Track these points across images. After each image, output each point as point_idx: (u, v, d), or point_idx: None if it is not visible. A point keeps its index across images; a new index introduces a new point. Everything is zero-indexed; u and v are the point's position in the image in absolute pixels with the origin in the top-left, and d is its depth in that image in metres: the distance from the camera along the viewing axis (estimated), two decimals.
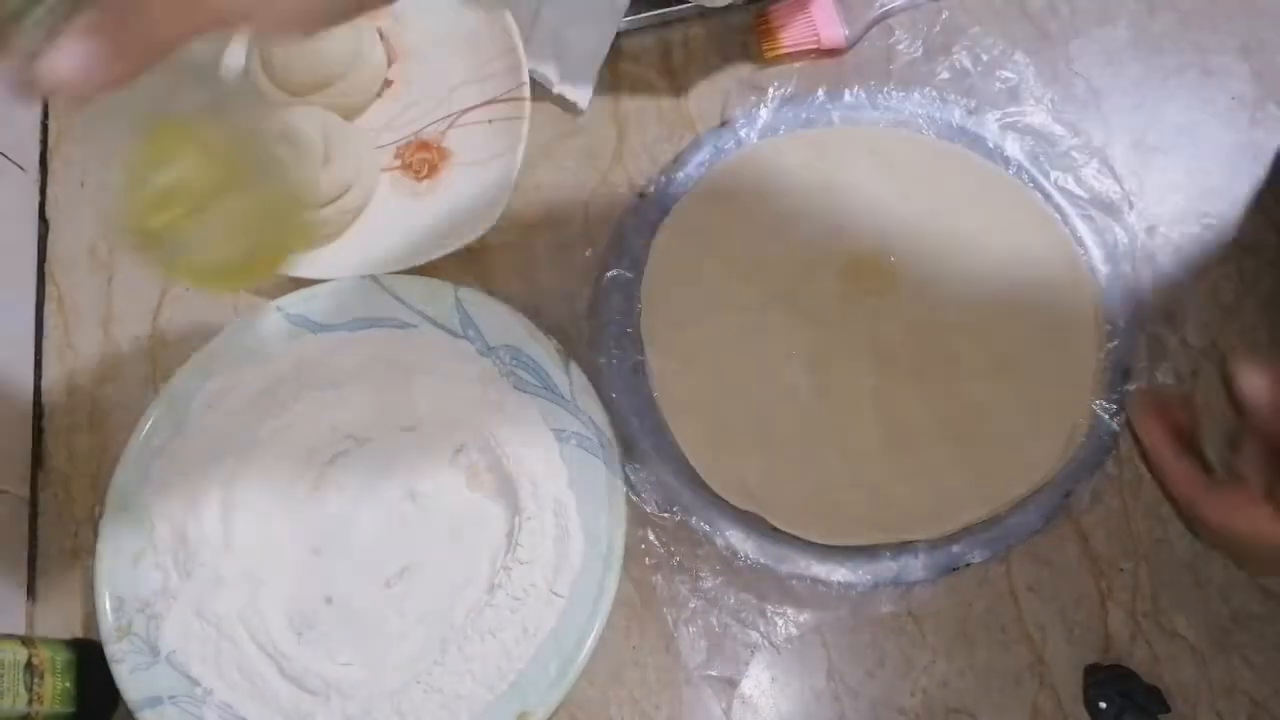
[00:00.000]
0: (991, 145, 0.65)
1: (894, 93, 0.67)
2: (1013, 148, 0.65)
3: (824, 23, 0.69)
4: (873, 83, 0.67)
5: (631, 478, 0.60)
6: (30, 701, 0.56)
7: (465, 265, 0.68)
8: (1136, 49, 0.68)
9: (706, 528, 0.59)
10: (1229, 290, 0.63)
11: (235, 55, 0.66)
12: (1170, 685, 0.55)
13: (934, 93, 0.67)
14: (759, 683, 0.59)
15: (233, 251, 0.46)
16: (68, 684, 0.59)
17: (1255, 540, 0.42)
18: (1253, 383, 0.42)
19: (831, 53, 0.69)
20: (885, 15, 0.69)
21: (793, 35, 0.69)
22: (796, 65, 0.69)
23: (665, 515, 0.59)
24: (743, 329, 0.63)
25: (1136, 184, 0.65)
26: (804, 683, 0.58)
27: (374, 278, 0.66)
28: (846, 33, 0.69)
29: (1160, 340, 0.61)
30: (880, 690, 0.58)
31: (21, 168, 0.74)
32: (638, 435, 0.61)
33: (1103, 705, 0.54)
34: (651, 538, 0.60)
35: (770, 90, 0.68)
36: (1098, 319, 0.60)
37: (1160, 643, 0.57)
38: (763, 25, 0.70)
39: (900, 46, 0.69)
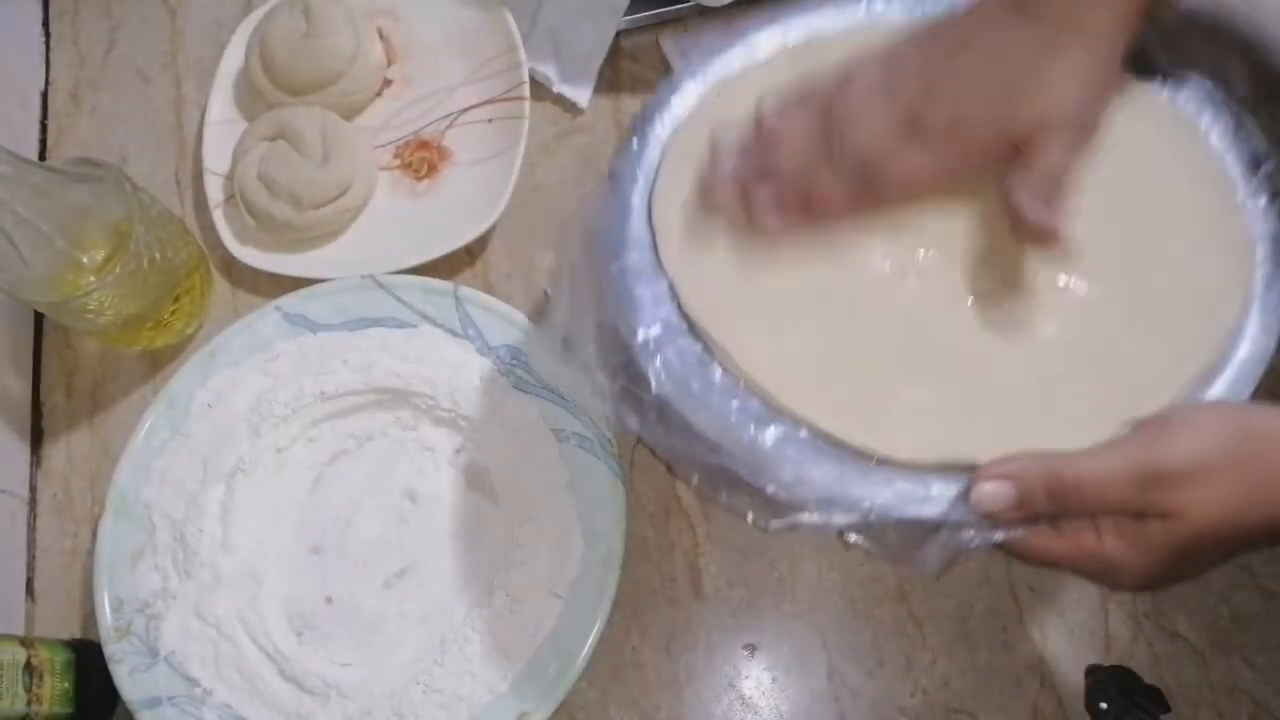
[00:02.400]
0: None
1: None
2: None
3: None
4: None
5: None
6: (29, 702, 0.56)
7: (465, 265, 0.68)
8: None
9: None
10: None
11: None
12: (1171, 685, 0.55)
13: None
14: (759, 683, 0.59)
15: None
16: (67, 685, 0.59)
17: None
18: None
19: None
20: None
21: None
22: None
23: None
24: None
25: None
26: (804, 683, 0.58)
27: (373, 277, 0.66)
28: None
29: None
30: (880, 690, 0.58)
31: None
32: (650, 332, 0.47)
33: (1104, 705, 0.54)
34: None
35: None
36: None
37: (1161, 643, 0.57)
38: None
39: None
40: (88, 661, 0.60)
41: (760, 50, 0.55)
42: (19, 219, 0.56)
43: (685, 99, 0.54)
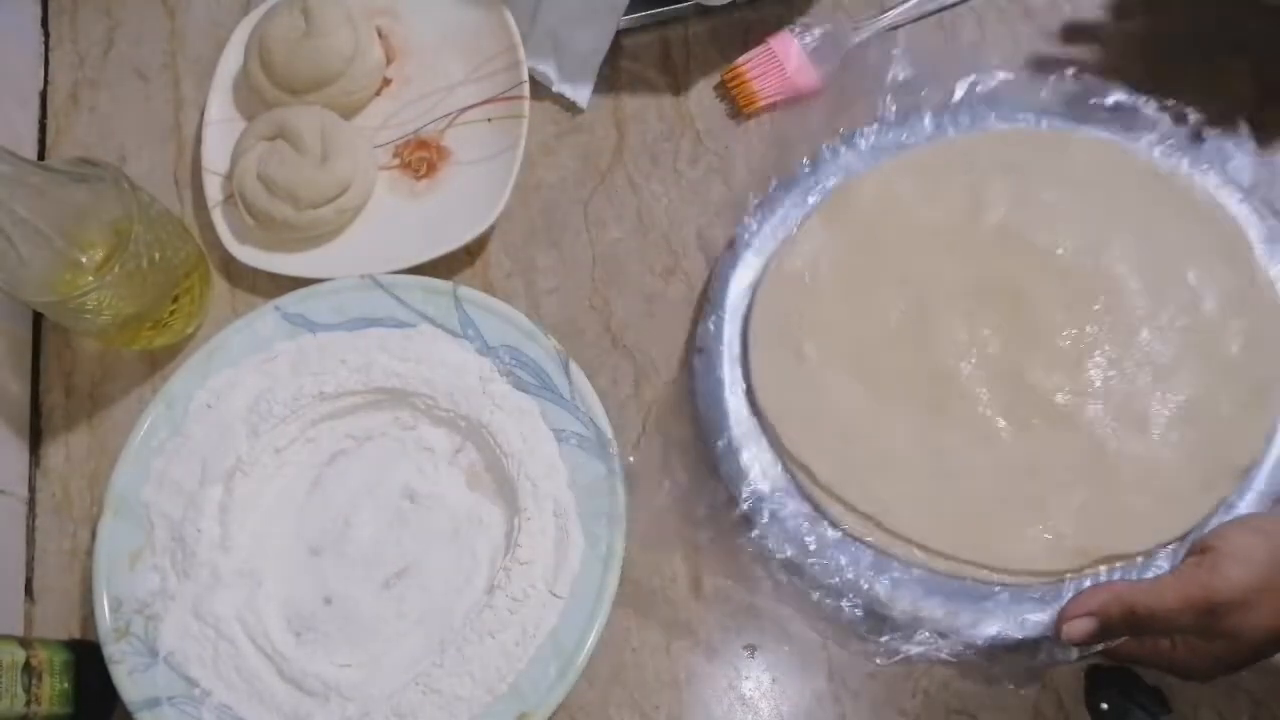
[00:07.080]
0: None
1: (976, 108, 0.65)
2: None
3: (795, 68, 0.68)
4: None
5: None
6: (28, 703, 0.56)
7: (464, 264, 0.68)
8: (1139, 45, 0.68)
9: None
10: None
11: None
12: (1172, 686, 0.55)
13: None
14: (759, 684, 0.58)
15: None
16: (66, 685, 0.58)
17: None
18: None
19: (809, 95, 0.68)
20: (855, 48, 0.68)
21: (767, 87, 0.68)
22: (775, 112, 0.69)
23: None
24: (865, 357, 0.60)
25: None
26: (805, 684, 0.58)
27: (372, 277, 0.65)
28: (818, 73, 0.68)
29: None
30: (881, 691, 0.57)
31: None
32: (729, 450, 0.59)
33: (1104, 706, 0.54)
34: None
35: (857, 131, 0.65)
36: None
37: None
38: (735, 83, 0.69)
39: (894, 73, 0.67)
40: (87, 662, 0.60)
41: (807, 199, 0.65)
42: (17, 219, 0.56)
43: (748, 268, 0.64)
